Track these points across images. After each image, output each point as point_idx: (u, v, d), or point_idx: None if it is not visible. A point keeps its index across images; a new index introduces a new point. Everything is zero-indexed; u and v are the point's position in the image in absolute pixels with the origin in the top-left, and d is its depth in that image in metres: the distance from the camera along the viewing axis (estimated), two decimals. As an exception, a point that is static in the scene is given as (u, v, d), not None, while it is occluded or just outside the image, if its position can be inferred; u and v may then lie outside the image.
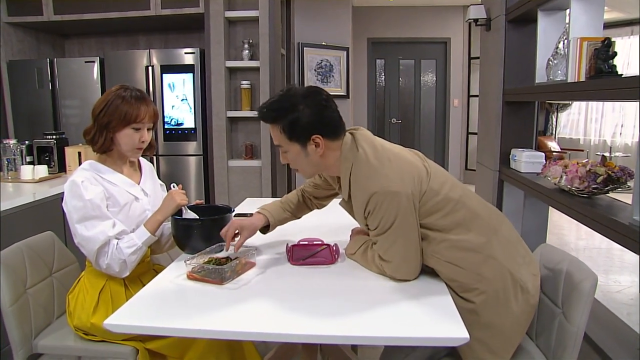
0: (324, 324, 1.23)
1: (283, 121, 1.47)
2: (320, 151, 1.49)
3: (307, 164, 1.54)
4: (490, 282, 1.43)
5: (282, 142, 1.51)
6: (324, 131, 1.48)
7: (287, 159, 1.56)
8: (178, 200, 1.70)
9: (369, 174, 1.44)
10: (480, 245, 1.44)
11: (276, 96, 1.50)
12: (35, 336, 1.69)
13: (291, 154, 1.52)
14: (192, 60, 4.06)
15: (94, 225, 1.59)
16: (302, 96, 1.47)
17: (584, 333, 1.38)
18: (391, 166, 1.44)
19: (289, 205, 1.83)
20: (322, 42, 5.92)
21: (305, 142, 1.48)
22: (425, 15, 7.45)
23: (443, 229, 1.45)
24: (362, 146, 1.49)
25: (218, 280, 1.46)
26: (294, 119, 1.46)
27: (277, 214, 1.79)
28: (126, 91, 1.69)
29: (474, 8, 3.24)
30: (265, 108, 1.50)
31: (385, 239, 1.44)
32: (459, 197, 1.47)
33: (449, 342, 1.21)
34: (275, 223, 1.78)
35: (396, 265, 1.45)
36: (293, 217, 1.85)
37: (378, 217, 1.42)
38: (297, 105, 1.46)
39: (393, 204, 1.39)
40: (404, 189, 1.40)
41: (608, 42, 1.88)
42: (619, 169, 1.91)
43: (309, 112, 1.46)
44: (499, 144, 2.95)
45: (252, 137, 4.21)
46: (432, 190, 1.44)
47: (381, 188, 1.39)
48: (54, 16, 4.11)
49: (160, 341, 1.62)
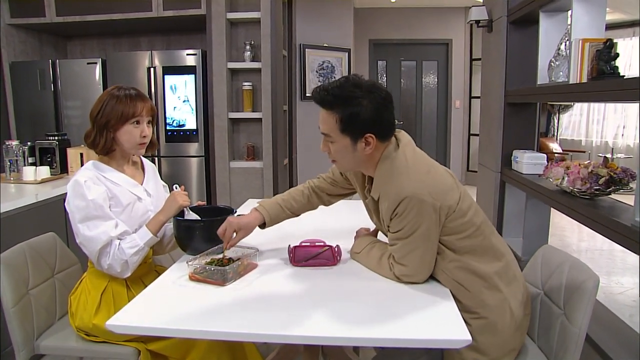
0: (325, 325, 1.23)
1: (342, 111, 1.41)
2: (369, 150, 1.45)
3: (350, 159, 1.50)
4: (491, 311, 1.43)
5: (332, 132, 1.45)
6: (379, 131, 1.44)
7: (328, 149, 1.51)
8: (180, 201, 1.71)
9: (405, 178, 1.42)
10: (488, 274, 1.44)
11: (339, 82, 1.43)
12: (38, 337, 1.70)
13: (337, 145, 1.47)
14: (194, 62, 4.07)
15: (96, 226, 1.60)
16: (367, 90, 1.41)
17: (585, 334, 1.37)
18: (428, 176, 1.43)
19: (290, 203, 1.80)
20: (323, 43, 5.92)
21: (358, 138, 1.43)
22: (426, 17, 7.45)
23: (458, 250, 1.45)
24: (403, 150, 1.48)
25: (220, 281, 1.46)
26: (355, 112, 1.40)
27: (275, 213, 1.76)
28: (120, 90, 1.69)
29: (475, 9, 3.24)
30: (326, 91, 1.42)
31: (406, 245, 1.43)
32: (480, 224, 1.47)
33: (452, 344, 1.21)
34: (271, 222, 1.76)
35: (410, 270, 1.44)
36: (292, 215, 1.82)
37: (404, 221, 1.41)
38: (361, 99, 1.40)
39: (421, 212, 1.38)
40: (435, 201, 1.38)
41: (610, 44, 1.88)
42: (620, 171, 1.91)
43: (371, 109, 1.40)
44: (501, 145, 2.95)
45: (254, 138, 4.21)
46: (460, 211, 1.43)
47: (413, 194, 1.38)
48: (56, 18, 4.12)
49: (162, 342, 1.62)
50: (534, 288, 1.65)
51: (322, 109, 1.45)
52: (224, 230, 1.64)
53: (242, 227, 1.68)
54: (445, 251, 1.45)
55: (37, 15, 4.14)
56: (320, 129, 1.48)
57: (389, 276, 1.50)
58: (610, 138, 7.18)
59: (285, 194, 1.82)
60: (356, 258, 1.67)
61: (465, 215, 1.43)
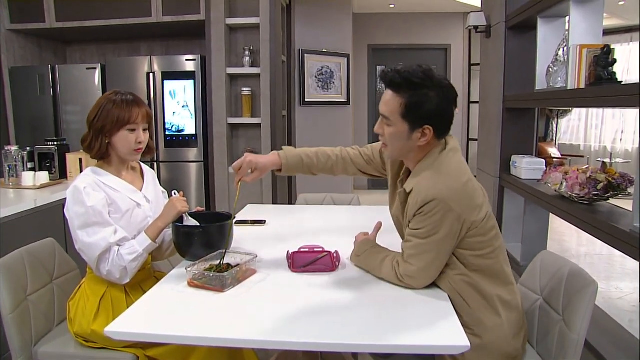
0: (324, 331, 1.23)
1: (409, 96, 1.40)
2: (423, 142, 1.44)
3: (401, 147, 1.48)
4: (486, 331, 1.43)
5: (393, 116, 1.43)
6: (438, 126, 1.43)
7: (382, 131, 1.49)
8: (179, 208, 1.71)
9: (442, 181, 1.41)
10: (491, 296, 1.44)
11: (413, 67, 1.42)
12: (36, 343, 1.69)
13: (394, 130, 1.45)
14: (193, 67, 4.08)
15: (96, 232, 1.60)
16: (439, 83, 1.41)
17: (584, 340, 1.37)
18: (463, 187, 1.41)
19: (313, 160, 1.76)
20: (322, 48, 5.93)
21: (416, 127, 1.42)
22: (425, 22, 7.48)
23: (469, 265, 1.45)
24: (449, 154, 1.47)
25: (219, 287, 1.46)
26: (421, 100, 1.39)
27: (293, 163, 1.73)
28: (117, 95, 1.70)
29: (474, 15, 3.25)
30: (397, 73, 1.41)
31: (420, 245, 1.42)
32: (497, 247, 1.47)
33: (450, 350, 1.21)
34: (286, 170, 1.74)
35: (415, 271, 1.43)
36: (309, 172, 1.78)
37: (426, 222, 1.40)
38: (430, 90, 1.39)
39: (445, 218, 1.37)
40: (462, 213, 1.38)
41: (607, 49, 1.88)
42: (619, 176, 1.91)
43: (437, 102, 1.40)
44: (500, 151, 2.95)
45: (253, 144, 4.22)
46: (482, 229, 1.42)
47: (444, 199, 1.37)
48: (56, 23, 4.13)
49: (160, 348, 1.61)
50: (533, 294, 1.65)
51: (389, 90, 1.44)
52: (240, 165, 1.62)
53: (259, 166, 1.66)
54: (456, 263, 1.45)
55: (37, 21, 4.15)
56: (381, 110, 1.47)
57: (390, 277, 1.50)
58: (608, 143, 7.20)
59: (312, 150, 1.78)
60: (357, 261, 1.67)
61: (485, 234, 1.43)
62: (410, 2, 6.91)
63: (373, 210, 2.83)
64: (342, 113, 6.25)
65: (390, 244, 1.65)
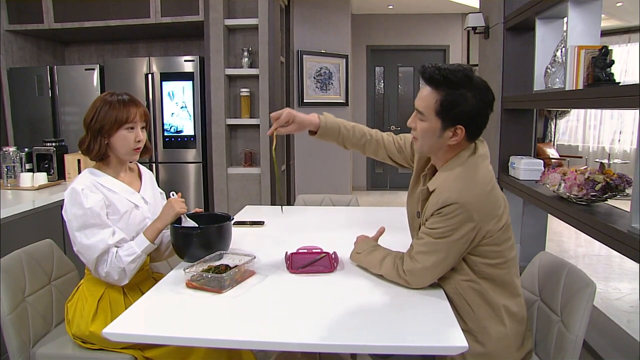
0: (323, 332, 1.23)
1: (445, 95, 1.39)
2: (453, 141, 1.43)
3: (431, 143, 1.47)
4: (490, 340, 1.43)
5: (427, 111, 1.43)
6: (471, 128, 1.42)
7: (415, 125, 1.49)
8: (177, 209, 1.70)
9: (466, 185, 1.40)
10: (498, 305, 1.44)
11: (454, 66, 1.41)
12: (34, 344, 1.69)
13: (426, 125, 1.44)
14: (191, 68, 4.08)
15: (94, 234, 1.59)
16: (478, 85, 1.40)
17: (583, 341, 1.38)
18: (486, 196, 1.40)
19: (348, 132, 1.77)
20: (321, 49, 5.94)
21: (449, 126, 1.41)
22: (424, 23, 7.49)
23: (479, 273, 1.45)
24: (477, 160, 1.46)
25: (217, 288, 1.46)
26: (457, 100, 1.39)
27: (330, 129, 1.75)
28: (113, 96, 1.70)
29: (472, 16, 3.26)
30: (438, 70, 1.40)
31: (431, 244, 1.41)
32: (509, 259, 1.46)
33: (448, 350, 1.21)
34: (322, 134, 1.75)
35: (418, 269, 1.43)
36: (341, 143, 1.79)
37: (442, 223, 1.39)
38: (468, 91, 1.38)
39: (462, 223, 1.37)
40: (480, 221, 1.37)
41: (605, 50, 1.89)
42: (617, 177, 1.91)
43: (473, 103, 1.39)
44: (498, 151, 2.96)
45: (252, 145, 4.22)
46: (498, 239, 1.42)
47: (465, 204, 1.36)
48: (54, 24, 4.13)
49: (159, 349, 1.61)
50: (531, 294, 1.65)
51: (427, 86, 1.44)
52: (279, 115, 1.64)
53: (296, 120, 1.67)
54: (465, 269, 1.45)
55: (35, 22, 4.15)
56: (416, 104, 1.47)
57: (389, 273, 1.49)
58: (607, 143, 7.21)
59: (350, 124, 1.80)
60: (357, 258, 1.66)
61: (500, 244, 1.43)
62: (409, 3, 6.92)
63: (371, 211, 2.84)
64: (340, 114, 6.18)
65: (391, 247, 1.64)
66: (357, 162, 7.56)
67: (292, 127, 1.69)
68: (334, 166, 6.17)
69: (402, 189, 7.77)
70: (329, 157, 6.09)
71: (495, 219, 1.41)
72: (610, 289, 3.59)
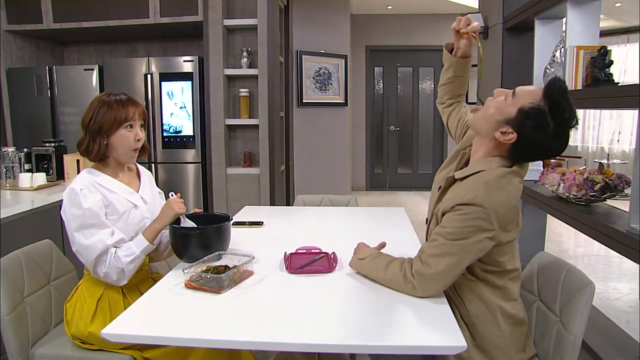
0: (322, 332, 1.23)
1: (545, 108, 1.34)
2: (499, 138, 1.41)
3: (484, 123, 1.45)
4: (484, 341, 1.43)
5: (515, 102, 1.38)
6: (521, 147, 1.41)
7: (493, 98, 1.46)
8: (176, 209, 1.70)
9: (495, 194, 1.36)
10: (493, 305, 1.44)
11: (566, 95, 1.34)
12: (33, 345, 1.69)
13: (503, 105, 1.41)
14: (190, 68, 4.07)
15: (93, 234, 1.59)
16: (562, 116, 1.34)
17: (582, 341, 1.38)
18: (509, 210, 1.38)
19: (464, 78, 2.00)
20: (320, 49, 5.94)
21: (510, 126, 1.38)
22: (423, 23, 7.49)
23: (477, 274, 1.45)
24: (512, 176, 1.43)
25: (216, 289, 1.46)
26: (543, 123, 1.34)
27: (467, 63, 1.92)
28: (110, 96, 1.70)
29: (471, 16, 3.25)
30: (563, 93, 1.33)
31: (445, 246, 1.37)
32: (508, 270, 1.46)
33: (447, 350, 1.21)
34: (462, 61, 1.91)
35: (432, 274, 1.37)
36: (459, 71, 2.02)
37: (459, 223, 1.36)
38: (551, 116, 1.33)
39: (479, 229, 1.34)
40: (496, 232, 1.35)
41: (604, 51, 1.89)
42: (616, 177, 1.92)
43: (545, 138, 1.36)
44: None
45: (251, 145, 4.21)
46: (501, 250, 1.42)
47: (488, 210, 1.33)
48: (53, 24, 4.12)
49: (158, 350, 1.61)
50: (530, 295, 1.65)
51: (540, 89, 1.38)
52: (460, 20, 1.78)
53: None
54: (468, 275, 1.45)
55: (35, 22, 4.14)
56: (518, 89, 1.41)
57: (394, 279, 1.45)
58: (606, 143, 7.22)
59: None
60: (359, 264, 1.60)
61: (503, 255, 1.43)
62: (408, 3, 6.92)
63: (371, 212, 2.84)
64: (339, 114, 6.25)
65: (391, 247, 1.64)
66: (356, 162, 7.56)
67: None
68: (333, 166, 6.17)
69: (402, 189, 7.77)
70: (328, 157, 6.09)
71: (509, 232, 1.41)
72: (609, 289, 3.59)
